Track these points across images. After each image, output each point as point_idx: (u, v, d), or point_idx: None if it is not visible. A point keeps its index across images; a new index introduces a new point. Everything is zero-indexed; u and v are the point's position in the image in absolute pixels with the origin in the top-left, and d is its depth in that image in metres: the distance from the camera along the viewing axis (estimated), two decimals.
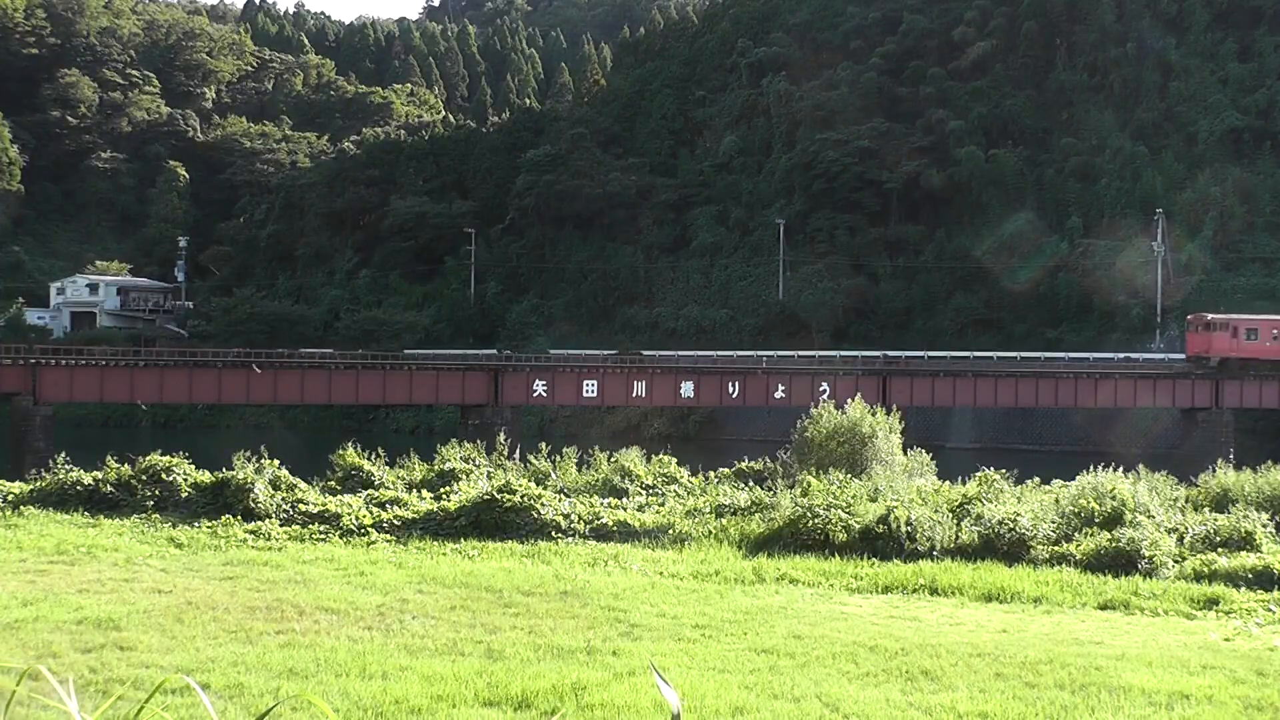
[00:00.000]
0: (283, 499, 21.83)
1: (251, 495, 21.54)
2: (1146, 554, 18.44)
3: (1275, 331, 69.67)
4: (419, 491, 23.50)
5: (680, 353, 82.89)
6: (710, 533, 20.67)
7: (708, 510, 22.40)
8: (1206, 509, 23.32)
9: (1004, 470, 24.65)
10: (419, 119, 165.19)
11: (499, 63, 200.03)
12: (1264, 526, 20.35)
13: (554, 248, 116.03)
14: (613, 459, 27.39)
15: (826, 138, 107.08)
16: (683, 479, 26.91)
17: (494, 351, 79.82)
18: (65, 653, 11.26)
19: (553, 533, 20.80)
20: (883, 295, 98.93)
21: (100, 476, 22.83)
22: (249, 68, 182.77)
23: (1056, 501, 21.52)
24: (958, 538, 19.75)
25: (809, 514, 20.22)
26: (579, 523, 21.30)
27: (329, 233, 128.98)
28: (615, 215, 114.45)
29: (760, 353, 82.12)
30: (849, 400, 30.03)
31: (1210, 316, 70.91)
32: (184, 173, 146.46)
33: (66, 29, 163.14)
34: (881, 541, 19.52)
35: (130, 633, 12.15)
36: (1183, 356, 76.35)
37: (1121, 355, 78.42)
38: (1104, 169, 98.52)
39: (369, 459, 25.96)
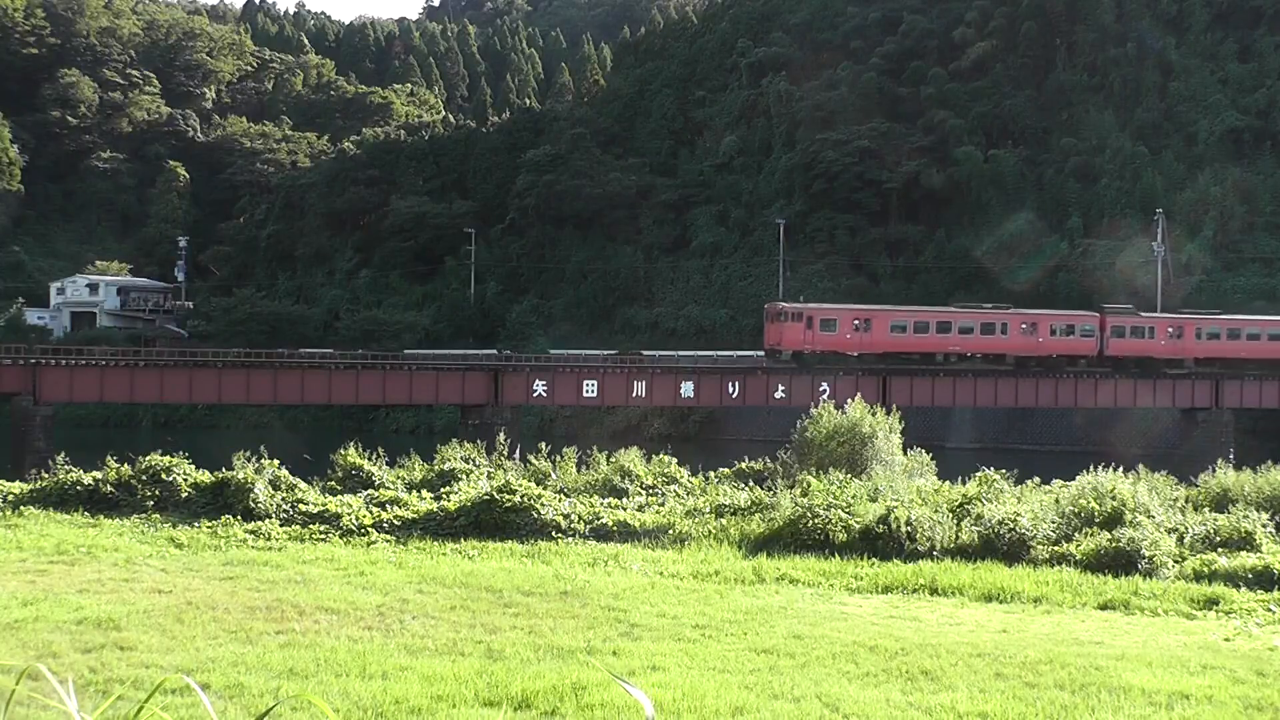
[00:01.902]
0: (283, 499, 21.83)
1: (251, 495, 21.54)
2: (1146, 554, 18.44)
3: (856, 322, 63.75)
4: (419, 491, 23.50)
5: (680, 353, 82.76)
6: (710, 533, 20.67)
7: (708, 510, 22.40)
8: (1206, 509, 23.33)
9: (1004, 470, 24.66)
10: (419, 119, 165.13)
11: (499, 63, 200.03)
12: (1264, 526, 20.36)
13: (554, 248, 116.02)
14: (613, 459, 27.39)
15: (826, 138, 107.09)
16: (683, 479, 26.91)
17: (494, 351, 79.75)
18: (65, 653, 11.26)
19: (553, 533, 20.81)
20: (883, 295, 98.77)
21: (100, 476, 22.83)
22: (249, 68, 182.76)
23: (1056, 501, 21.53)
24: (958, 538, 19.76)
25: (809, 514, 20.23)
26: (579, 523, 21.31)
27: (329, 233, 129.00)
28: (615, 215, 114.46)
29: (760, 352, 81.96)
30: (849, 400, 30.04)
31: (783, 305, 65.20)
32: (184, 173, 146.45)
33: (66, 29, 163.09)
34: (881, 541, 19.52)
35: (130, 633, 12.15)
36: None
37: None
38: (1104, 169, 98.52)
39: (369, 459, 25.97)
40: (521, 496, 21.43)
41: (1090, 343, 66.55)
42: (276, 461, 23.47)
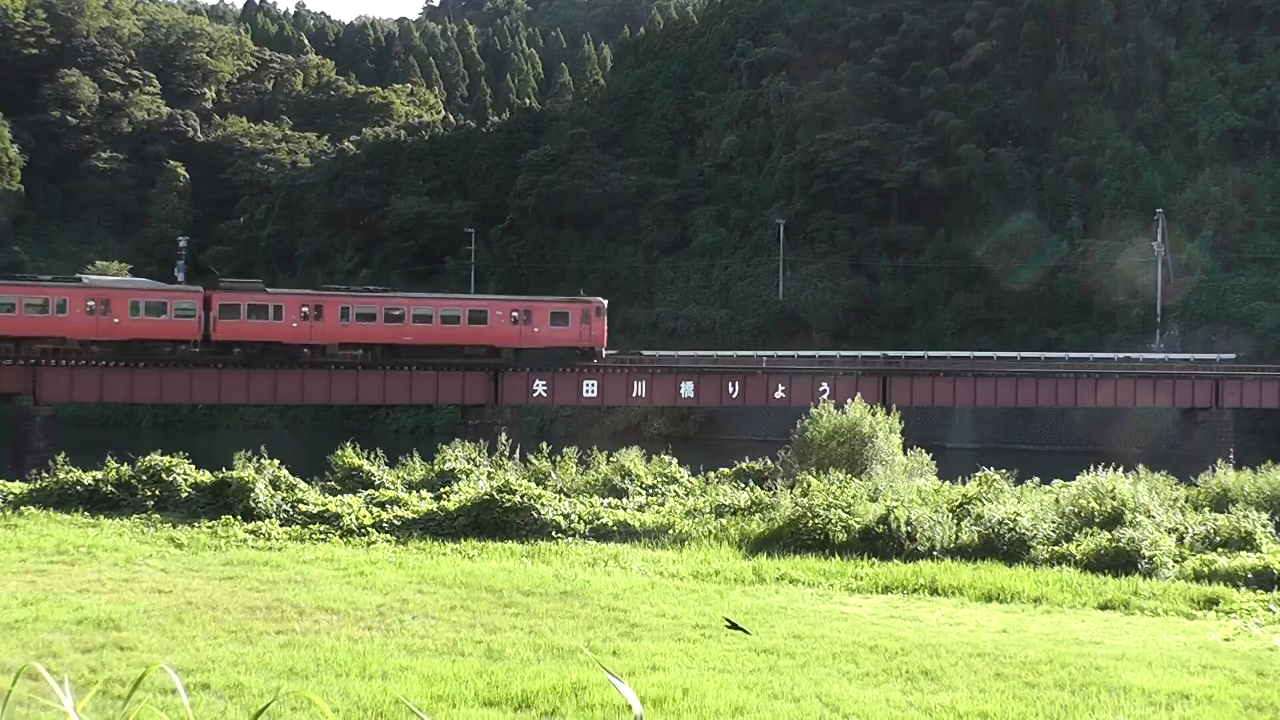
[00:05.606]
0: (283, 499, 21.83)
1: (251, 495, 21.53)
2: (1146, 554, 18.44)
3: None
4: (419, 491, 23.49)
5: (680, 353, 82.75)
6: (710, 533, 20.67)
7: (708, 510, 22.39)
8: (1206, 509, 23.33)
9: (1004, 470, 24.66)
10: (419, 119, 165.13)
11: (499, 63, 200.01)
12: (1264, 526, 20.36)
13: (554, 248, 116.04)
14: (613, 459, 27.38)
15: (826, 138, 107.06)
16: (683, 479, 26.91)
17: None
18: (65, 653, 11.25)
19: (553, 533, 20.81)
20: (883, 295, 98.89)
21: (100, 476, 22.83)
22: (249, 68, 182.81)
23: (1056, 501, 21.53)
24: (958, 538, 19.75)
25: (809, 514, 20.23)
26: (579, 523, 21.31)
27: (329, 233, 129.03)
28: (615, 215, 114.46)
29: (760, 353, 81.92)
30: (849, 400, 30.02)
31: None
32: (184, 173, 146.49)
33: (66, 29, 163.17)
34: (881, 541, 19.52)
35: (130, 633, 12.14)
36: (1186, 357, 75.94)
37: (1121, 355, 78.24)
38: (1104, 169, 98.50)
39: (369, 459, 25.95)
40: (521, 496, 21.43)
41: (191, 325, 55.61)
42: (276, 461, 23.47)
